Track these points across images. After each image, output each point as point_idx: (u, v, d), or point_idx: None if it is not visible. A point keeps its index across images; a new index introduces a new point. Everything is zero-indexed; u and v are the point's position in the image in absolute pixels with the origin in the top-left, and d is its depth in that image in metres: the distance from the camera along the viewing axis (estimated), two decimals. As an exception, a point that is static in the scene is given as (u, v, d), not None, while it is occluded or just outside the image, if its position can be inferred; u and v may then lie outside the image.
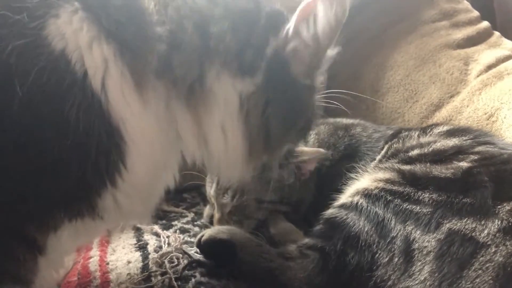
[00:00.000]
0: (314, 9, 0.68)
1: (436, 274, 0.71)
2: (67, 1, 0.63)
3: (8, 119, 0.57)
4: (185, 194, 1.35)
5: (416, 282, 0.73)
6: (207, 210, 1.15)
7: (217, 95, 0.69)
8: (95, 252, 1.03)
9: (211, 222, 1.12)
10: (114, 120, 0.63)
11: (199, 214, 1.22)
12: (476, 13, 1.67)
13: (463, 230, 0.74)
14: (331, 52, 0.78)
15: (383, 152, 1.05)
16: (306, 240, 0.90)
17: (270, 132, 0.74)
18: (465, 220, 0.75)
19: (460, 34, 1.58)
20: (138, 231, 1.11)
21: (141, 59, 0.65)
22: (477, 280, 0.68)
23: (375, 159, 1.05)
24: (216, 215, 1.09)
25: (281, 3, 0.79)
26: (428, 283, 0.71)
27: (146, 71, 0.65)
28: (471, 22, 1.63)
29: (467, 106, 1.35)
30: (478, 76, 1.42)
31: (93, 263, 0.98)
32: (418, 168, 0.89)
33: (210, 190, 1.11)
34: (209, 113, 0.70)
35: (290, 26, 0.70)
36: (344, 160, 1.11)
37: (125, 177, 0.67)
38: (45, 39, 0.60)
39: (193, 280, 0.89)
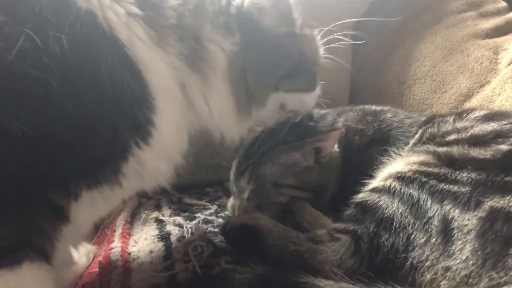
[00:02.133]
0: None
1: (479, 253, 0.67)
2: None
3: (48, 69, 0.56)
4: (207, 188, 1.34)
5: (457, 261, 0.68)
6: (230, 201, 1.11)
7: (214, 54, 0.75)
8: (116, 244, 1.00)
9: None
10: (143, 74, 0.64)
11: (222, 207, 1.19)
12: (503, 3, 1.63)
13: (507, 207, 0.70)
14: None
15: (417, 136, 1.00)
16: (337, 224, 0.86)
17: (248, 81, 0.80)
18: (509, 197, 0.72)
19: (488, 24, 1.54)
20: (161, 223, 1.09)
21: (161, 14, 0.67)
22: (526, 257, 0.64)
23: (408, 144, 1.00)
24: (236, 201, 1.06)
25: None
26: (470, 262, 0.67)
27: (166, 26, 0.68)
28: (499, 12, 1.59)
29: (499, 94, 1.30)
30: (509, 64, 1.37)
31: (115, 254, 0.95)
32: (455, 150, 0.85)
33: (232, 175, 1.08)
34: (212, 74, 0.75)
35: None
36: (373, 145, 1.07)
37: (154, 134, 0.67)
38: None
39: (217, 267, 0.86)
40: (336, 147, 1.08)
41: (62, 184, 0.61)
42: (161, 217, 1.11)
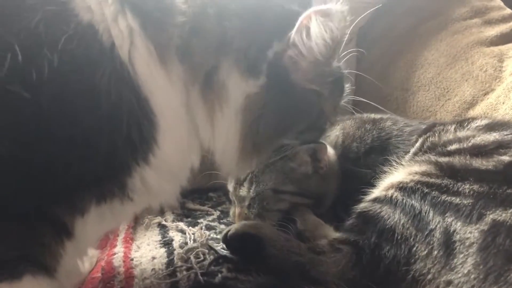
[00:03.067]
0: (308, 23, 0.69)
1: (481, 267, 0.67)
2: None
3: (37, 88, 0.56)
4: (210, 193, 1.34)
5: (459, 275, 0.68)
6: (233, 208, 1.11)
7: (229, 91, 0.70)
8: (119, 249, 1.01)
9: (237, 221, 1.08)
10: (143, 92, 0.63)
11: (225, 213, 1.19)
12: (509, 11, 1.62)
13: (509, 221, 0.70)
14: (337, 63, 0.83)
15: (417, 145, 1.00)
16: (338, 235, 0.86)
17: (258, 133, 0.75)
18: (511, 211, 0.71)
19: (493, 31, 1.53)
20: (163, 228, 1.10)
21: (164, 33, 0.65)
22: (528, 273, 0.64)
23: (408, 152, 1.00)
24: (236, 210, 1.06)
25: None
26: (472, 276, 0.67)
27: (169, 47, 0.65)
28: (504, 20, 1.58)
29: (503, 103, 1.30)
30: (513, 72, 1.36)
31: (117, 259, 0.96)
32: (456, 160, 0.85)
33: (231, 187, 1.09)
34: (222, 109, 0.71)
35: (292, 33, 0.71)
36: (371, 153, 1.07)
37: (156, 153, 0.66)
38: (73, 10, 0.60)
39: (219, 275, 0.86)
40: (333, 154, 1.08)
41: (63, 199, 0.61)
42: (164, 222, 1.12)
